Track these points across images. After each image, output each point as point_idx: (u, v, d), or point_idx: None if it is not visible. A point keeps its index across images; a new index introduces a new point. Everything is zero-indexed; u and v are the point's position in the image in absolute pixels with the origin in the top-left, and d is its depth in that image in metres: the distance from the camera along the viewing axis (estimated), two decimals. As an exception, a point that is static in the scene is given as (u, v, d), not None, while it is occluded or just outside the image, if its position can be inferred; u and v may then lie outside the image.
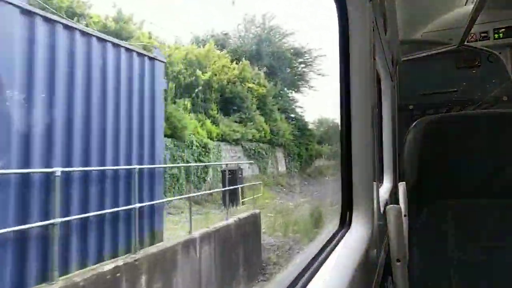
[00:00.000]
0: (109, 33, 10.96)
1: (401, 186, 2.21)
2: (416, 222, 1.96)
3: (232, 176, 14.29)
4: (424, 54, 3.71)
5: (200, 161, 14.56)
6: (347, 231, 1.47)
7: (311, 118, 31.36)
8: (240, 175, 14.59)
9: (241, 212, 12.67)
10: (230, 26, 26.71)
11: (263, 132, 19.57)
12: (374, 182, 1.55)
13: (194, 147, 14.22)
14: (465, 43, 3.41)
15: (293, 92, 26.91)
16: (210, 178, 15.28)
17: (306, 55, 26.91)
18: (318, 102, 32.27)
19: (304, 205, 13.83)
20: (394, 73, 3.32)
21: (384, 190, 2.75)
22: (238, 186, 14.01)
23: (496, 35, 3.34)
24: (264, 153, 19.80)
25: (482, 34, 3.39)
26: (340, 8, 1.52)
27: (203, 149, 14.77)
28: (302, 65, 27.53)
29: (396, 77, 3.44)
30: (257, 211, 7.10)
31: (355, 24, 1.51)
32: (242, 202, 14.08)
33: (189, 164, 12.58)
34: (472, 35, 3.38)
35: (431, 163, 1.97)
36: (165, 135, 12.99)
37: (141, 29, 12.82)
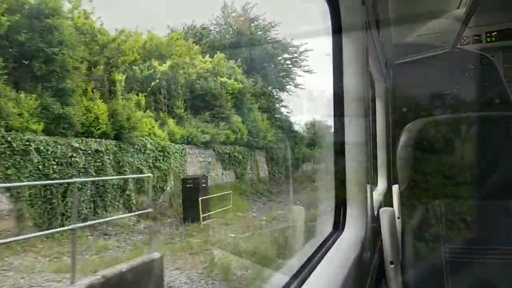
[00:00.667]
0: (21, 9, 8.64)
1: (395, 189, 2.45)
2: (410, 224, 1.95)
3: (193, 185, 12.01)
4: (417, 57, 3.73)
5: (156, 167, 12.21)
6: (340, 234, 1.53)
7: (298, 119, 29.17)
8: (203, 184, 12.29)
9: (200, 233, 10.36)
10: (209, 18, 24.28)
11: (239, 134, 17.29)
12: (368, 185, 1.63)
13: (148, 151, 11.89)
14: (458, 46, 3.47)
15: (278, 90, 24.74)
16: (171, 188, 12.94)
17: (291, 49, 24.74)
18: (307, 102, 30.17)
19: (280, 219, 11.54)
20: (388, 76, 3.48)
21: (378, 192, 2.97)
22: (201, 197, 11.73)
23: (489, 39, 3.37)
24: (241, 157, 17.52)
25: (475, 37, 3.43)
26: (332, 10, 1.54)
27: (160, 153, 12.44)
28: (288, 61, 25.40)
29: (389, 79, 3.59)
30: (157, 255, 4.76)
31: (348, 26, 1.54)
32: (207, 216, 11.76)
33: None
34: (464, 38, 3.44)
35: (424, 165, 1.97)
36: (107, 137, 10.68)
37: (78, 8, 10.52)
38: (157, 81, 12.71)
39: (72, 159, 9.16)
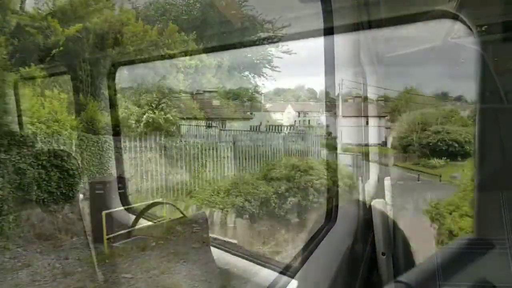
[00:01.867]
0: None
1: (387, 180, 2.50)
2: (401, 216, 1.89)
3: (104, 192, 8.63)
4: (409, 51, 3.79)
5: (56, 166, 8.78)
6: (332, 226, 1.62)
7: (280, 108, 25.96)
8: (121, 190, 8.88)
9: None
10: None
11: (194, 122, 13.96)
12: (360, 177, 1.70)
13: (40, 144, 8.47)
14: (449, 39, 3.53)
15: (254, 74, 21.39)
16: (84, 194, 9.53)
17: (268, 24, 21.29)
18: (291, 89, 27.00)
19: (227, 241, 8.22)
20: (380, 69, 3.53)
21: (370, 185, 2.99)
22: (115, 208, 8.34)
23: (479, 32, 3.34)
24: (197, 151, 14.16)
25: (465, 31, 3.44)
26: (324, 5, 1.60)
27: (64, 148, 9.02)
28: (265, 41, 21.98)
29: (382, 73, 3.62)
30: None
31: (340, 20, 1.59)
32: (124, 234, 8.35)
33: None
34: (455, 31, 3.49)
35: (415, 157, 1.14)
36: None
37: None
38: (62, 48, 9.22)
39: None
